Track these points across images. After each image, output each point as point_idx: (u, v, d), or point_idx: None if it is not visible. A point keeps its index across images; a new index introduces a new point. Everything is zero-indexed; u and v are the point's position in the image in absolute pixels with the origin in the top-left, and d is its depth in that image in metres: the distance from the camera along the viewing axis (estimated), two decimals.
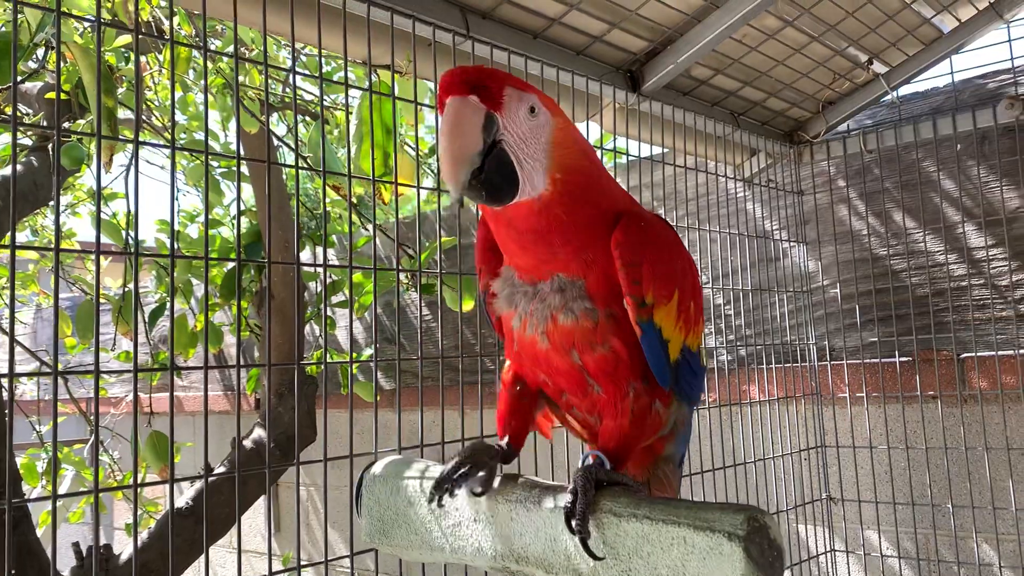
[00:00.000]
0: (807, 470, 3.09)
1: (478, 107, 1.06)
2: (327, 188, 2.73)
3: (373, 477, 1.54)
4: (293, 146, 2.41)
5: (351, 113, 2.04)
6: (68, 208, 4.63)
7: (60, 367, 3.81)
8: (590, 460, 1.26)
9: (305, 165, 2.57)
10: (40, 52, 3.07)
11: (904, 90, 3.09)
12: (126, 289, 3.42)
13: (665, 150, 2.98)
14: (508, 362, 1.38)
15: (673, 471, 1.48)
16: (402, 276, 3.12)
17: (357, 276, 3.36)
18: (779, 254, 3.28)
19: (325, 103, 3.55)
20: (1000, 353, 2.80)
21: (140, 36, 1.44)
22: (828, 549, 3.08)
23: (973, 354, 2.85)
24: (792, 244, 3.26)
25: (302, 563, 1.74)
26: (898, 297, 3.02)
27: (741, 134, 2.93)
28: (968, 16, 2.76)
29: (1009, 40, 2.82)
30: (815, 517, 3.09)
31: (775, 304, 3.22)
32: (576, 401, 1.29)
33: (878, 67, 2.91)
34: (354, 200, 3.60)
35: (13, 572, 2.96)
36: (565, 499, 1.20)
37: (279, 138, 3.70)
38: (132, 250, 1.54)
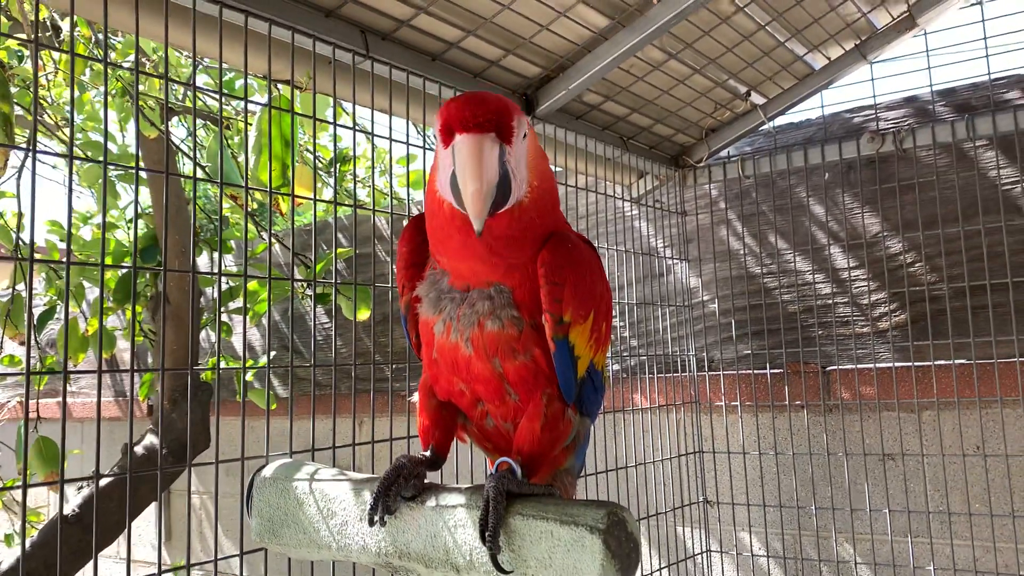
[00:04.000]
0: (686, 474, 3.28)
1: (495, 143, 1.12)
2: (224, 196, 2.76)
3: (263, 480, 1.60)
4: (191, 154, 2.44)
5: (251, 125, 2.09)
6: None
7: None
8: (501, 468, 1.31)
9: (203, 175, 2.59)
10: None
11: (780, 120, 3.33)
12: (14, 292, 3.33)
13: (558, 169, 3.13)
14: (425, 373, 1.42)
15: (572, 482, 1.54)
16: (298, 285, 3.16)
17: (252, 284, 3.37)
18: (664, 270, 3.46)
19: (226, 111, 3.56)
20: (860, 366, 3.04)
21: (38, 43, 1.47)
22: (704, 549, 3.27)
23: (836, 367, 3.09)
24: (676, 261, 3.45)
25: (192, 563, 1.78)
26: (771, 313, 3.24)
27: (630, 157, 3.10)
28: (836, 55, 3.00)
29: (872, 79, 3.08)
30: (692, 519, 3.27)
31: (659, 318, 3.40)
32: (492, 408, 1.36)
33: (756, 98, 3.12)
34: (252, 208, 3.61)
35: None
36: (468, 511, 1.26)
37: (176, 146, 3.68)
38: (25, 254, 1.56)
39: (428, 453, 1.40)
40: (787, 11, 2.60)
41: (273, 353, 4.56)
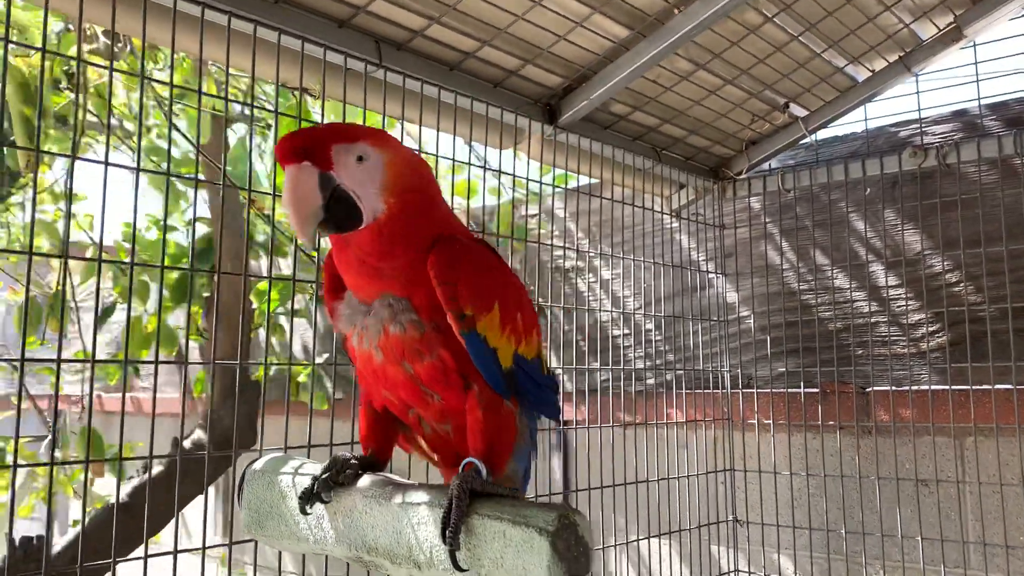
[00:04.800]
0: (716, 492, 3.22)
1: (311, 171, 1.23)
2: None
3: (254, 472, 1.65)
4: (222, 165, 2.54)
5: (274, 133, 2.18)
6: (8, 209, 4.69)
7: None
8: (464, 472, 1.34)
9: (231, 183, 2.70)
10: None
11: (824, 133, 3.26)
12: (61, 288, 3.51)
13: (593, 180, 3.14)
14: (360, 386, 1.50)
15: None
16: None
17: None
18: (703, 284, 3.42)
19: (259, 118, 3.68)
20: (898, 388, 2.94)
21: (80, 59, 1.56)
22: (733, 568, 3.20)
23: (876, 388, 2.99)
24: (714, 275, 3.40)
25: (208, 546, 1.85)
26: (809, 330, 3.17)
27: (666, 168, 3.07)
28: (879, 67, 2.93)
29: (917, 92, 2.99)
30: (722, 537, 3.21)
31: (695, 333, 3.36)
32: (422, 412, 1.41)
33: (797, 110, 3.06)
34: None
35: None
36: (431, 508, 1.29)
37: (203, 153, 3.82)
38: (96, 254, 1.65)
39: (367, 455, 1.47)
40: (820, 22, 2.56)
41: (327, 355, 4.67)
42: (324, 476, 1.42)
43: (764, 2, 2.40)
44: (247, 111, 3.54)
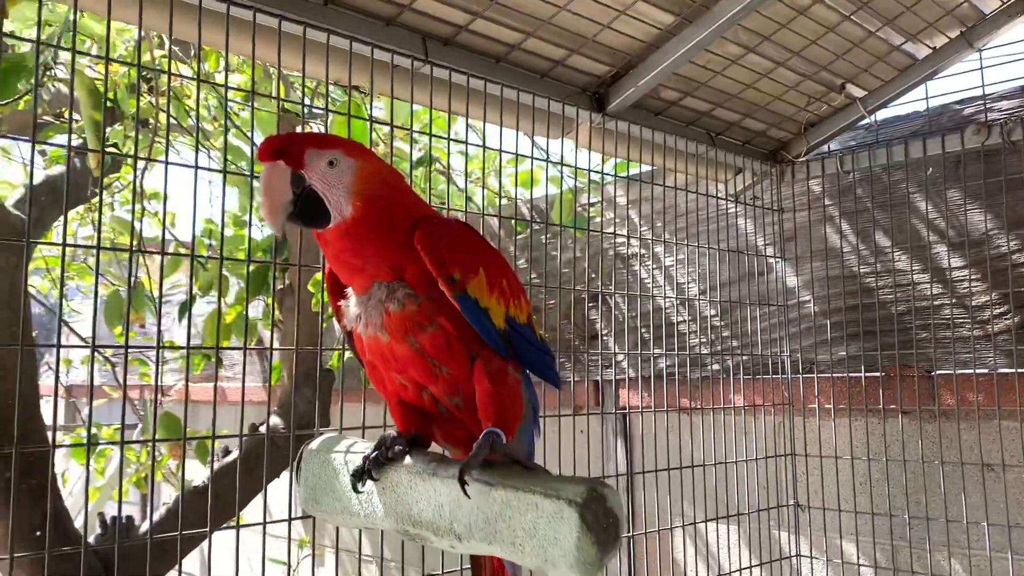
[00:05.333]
0: (777, 477, 3.21)
1: (284, 169, 1.35)
2: None
3: (310, 451, 1.75)
4: None
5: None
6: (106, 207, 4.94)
7: (108, 353, 4.15)
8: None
9: None
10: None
11: (885, 113, 3.20)
12: (136, 280, 3.70)
13: (651, 168, 3.15)
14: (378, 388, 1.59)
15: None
16: None
17: None
18: (763, 269, 3.40)
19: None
20: (963, 371, 2.88)
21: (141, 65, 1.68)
22: (796, 553, 3.19)
23: (940, 372, 2.94)
24: (774, 260, 3.38)
25: (266, 522, 1.96)
26: (871, 314, 3.12)
27: (723, 153, 3.07)
28: (940, 44, 2.86)
29: (981, 68, 2.91)
30: (783, 521, 3.20)
31: (755, 318, 3.35)
32: (434, 390, 1.48)
33: (855, 91, 3.02)
34: None
35: (39, 534, 3.25)
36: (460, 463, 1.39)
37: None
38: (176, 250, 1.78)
39: (412, 434, 1.56)
40: (872, 0, 2.52)
41: None
42: (373, 454, 1.52)
43: None
44: (307, 110, 3.67)
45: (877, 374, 3.07)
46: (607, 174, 3.34)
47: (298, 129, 3.14)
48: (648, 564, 3.26)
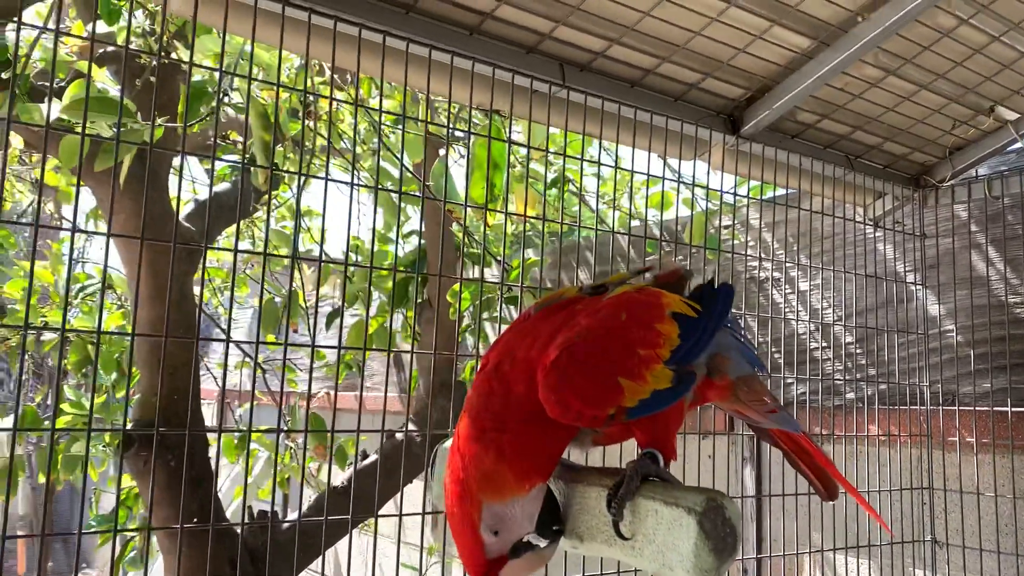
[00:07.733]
0: (912, 511, 3.10)
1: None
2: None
3: (444, 451, 1.87)
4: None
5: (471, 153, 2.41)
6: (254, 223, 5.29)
7: (261, 359, 4.48)
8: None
9: (431, 195, 2.97)
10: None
11: None
12: (291, 290, 3.95)
13: (786, 191, 3.14)
14: None
15: (753, 388, 1.59)
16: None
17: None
18: (903, 296, 3.31)
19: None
20: None
21: (279, 84, 1.87)
22: None
23: None
24: (917, 287, 3.28)
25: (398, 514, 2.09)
26: (1019, 346, 2.98)
27: (862, 177, 3.02)
28: None
29: None
30: (918, 557, 3.09)
31: (896, 346, 3.25)
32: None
33: (1007, 114, 2.91)
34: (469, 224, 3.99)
35: (196, 520, 3.54)
36: (605, 487, 1.43)
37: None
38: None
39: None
40: None
41: None
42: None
43: (958, 3, 2.34)
44: (453, 133, 3.85)
45: (1022, 409, 2.93)
46: (741, 196, 3.35)
47: (441, 152, 3.31)
48: None
